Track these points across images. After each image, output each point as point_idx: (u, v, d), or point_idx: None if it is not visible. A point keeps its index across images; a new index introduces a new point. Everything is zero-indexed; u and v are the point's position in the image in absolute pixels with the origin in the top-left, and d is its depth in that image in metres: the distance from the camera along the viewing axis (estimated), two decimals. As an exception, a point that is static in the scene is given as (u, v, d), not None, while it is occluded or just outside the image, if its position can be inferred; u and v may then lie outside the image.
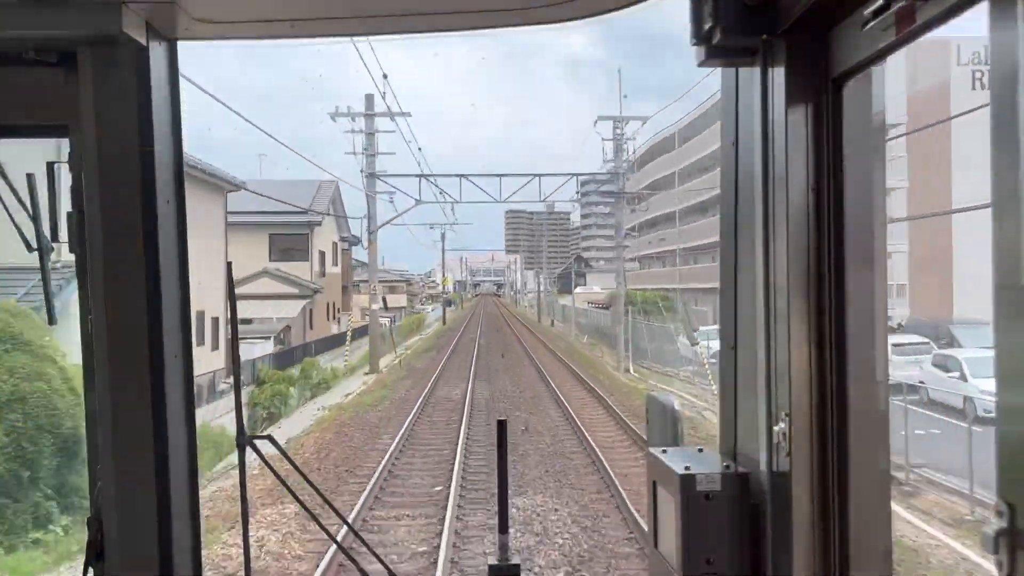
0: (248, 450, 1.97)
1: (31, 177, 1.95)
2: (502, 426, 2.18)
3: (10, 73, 1.86)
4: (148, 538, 1.88)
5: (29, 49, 1.82)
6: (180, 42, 1.97)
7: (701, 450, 2.01)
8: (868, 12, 1.48)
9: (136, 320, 1.87)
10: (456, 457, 16.72)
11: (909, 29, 1.40)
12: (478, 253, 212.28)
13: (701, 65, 1.84)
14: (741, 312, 1.93)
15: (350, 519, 11.95)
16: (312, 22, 2.02)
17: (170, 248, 1.93)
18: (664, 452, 1.99)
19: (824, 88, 1.69)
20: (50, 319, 2.24)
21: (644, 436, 1.76)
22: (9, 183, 1.94)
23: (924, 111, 37.37)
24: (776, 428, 1.73)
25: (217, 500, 13.78)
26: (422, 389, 28.34)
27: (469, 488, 14.65)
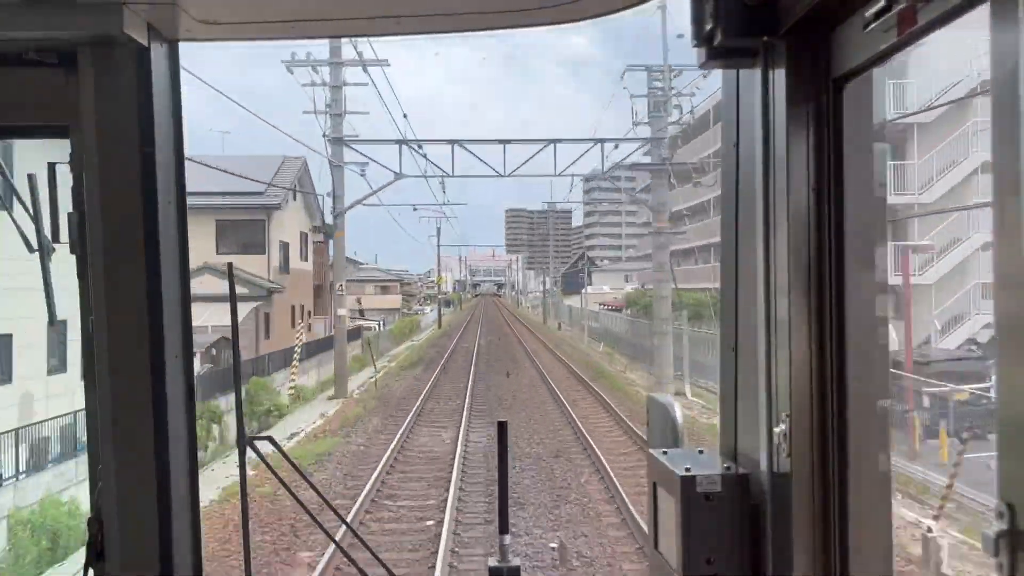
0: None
1: (32, 177, 1.99)
2: (502, 427, 2.28)
3: (10, 73, 1.88)
4: (148, 538, 1.89)
5: (30, 49, 1.84)
6: (181, 43, 1.99)
7: (701, 451, 2.00)
8: (870, 13, 1.48)
9: (136, 320, 1.88)
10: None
11: (911, 30, 1.40)
12: (478, 250, 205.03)
13: (702, 67, 1.85)
14: (741, 313, 1.94)
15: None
16: (313, 23, 2.05)
17: (170, 248, 1.94)
18: (664, 453, 1.99)
19: (825, 89, 1.70)
20: (50, 319, 2.21)
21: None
22: (10, 183, 2.02)
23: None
24: (776, 429, 1.73)
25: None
26: (395, 432, 21.08)
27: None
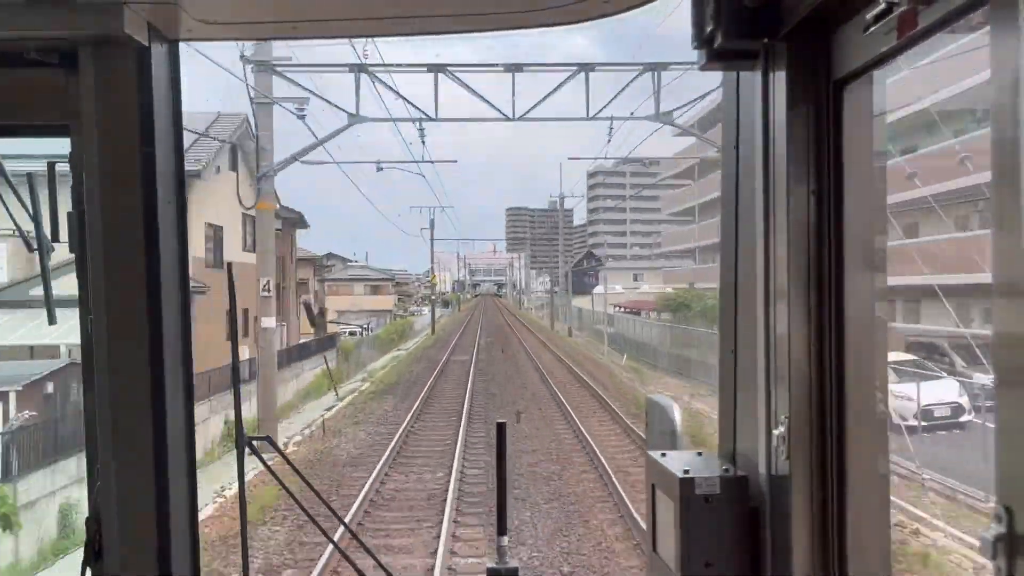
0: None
1: (31, 177, 1.98)
2: (501, 429, 2.28)
3: (11, 73, 1.88)
4: (147, 538, 1.89)
5: (30, 49, 1.84)
6: (181, 43, 1.99)
7: (700, 453, 2.00)
8: (870, 16, 1.48)
9: (136, 320, 1.88)
10: None
11: (911, 33, 1.40)
12: (477, 244, 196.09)
13: (703, 68, 1.85)
14: (741, 315, 1.93)
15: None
16: (314, 23, 2.03)
17: (170, 248, 1.93)
18: (663, 455, 1.98)
19: (825, 91, 1.69)
20: (50, 319, 2.21)
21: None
22: (9, 182, 2.00)
23: None
24: (775, 431, 1.73)
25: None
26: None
27: None
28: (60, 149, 1.96)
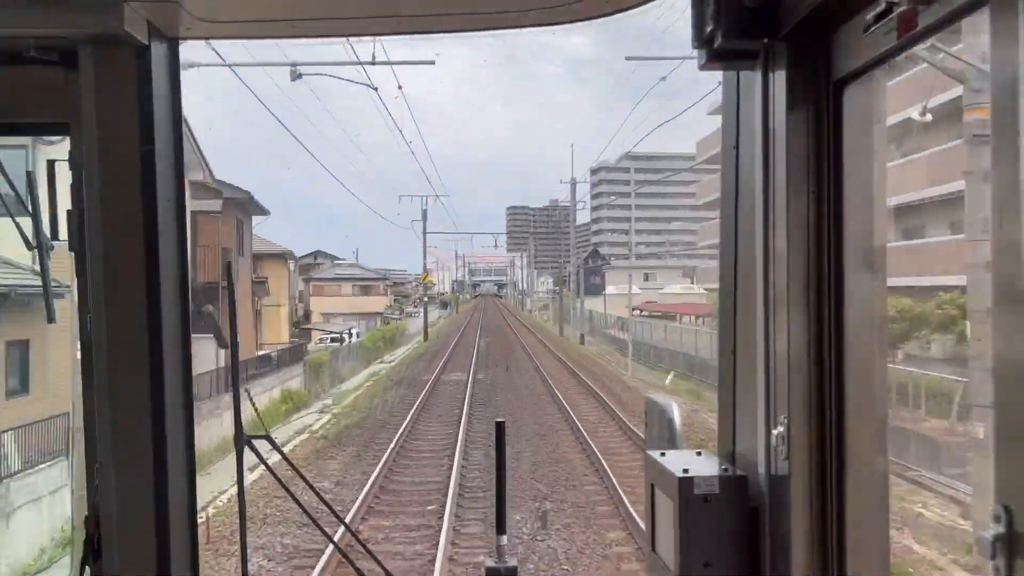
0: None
1: (31, 175, 1.98)
2: (500, 428, 2.27)
3: (11, 72, 1.89)
4: (146, 537, 1.90)
5: (30, 48, 1.84)
6: (181, 41, 1.99)
7: (699, 453, 2.01)
8: (870, 16, 1.49)
9: (136, 319, 1.89)
10: None
11: (911, 33, 1.41)
12: (476, 241, 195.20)
13: (703, 68, 1.85)
14: (740, 315, 1.94)
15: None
16: (313, 22, 2.04)
17: (170, 247, 1.94)
18: (663, 455, 1.99)
19: (825, 91, 1.70)
20: (49, 318, 2.22)
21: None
22: (9, 181, 1.98)
23: None
24: (775, 431, 1.74)
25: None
26: None
27: None
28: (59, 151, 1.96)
